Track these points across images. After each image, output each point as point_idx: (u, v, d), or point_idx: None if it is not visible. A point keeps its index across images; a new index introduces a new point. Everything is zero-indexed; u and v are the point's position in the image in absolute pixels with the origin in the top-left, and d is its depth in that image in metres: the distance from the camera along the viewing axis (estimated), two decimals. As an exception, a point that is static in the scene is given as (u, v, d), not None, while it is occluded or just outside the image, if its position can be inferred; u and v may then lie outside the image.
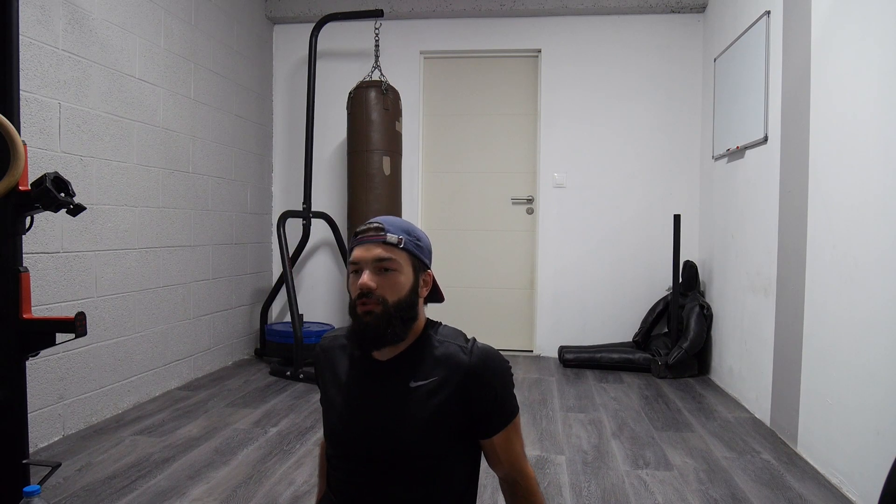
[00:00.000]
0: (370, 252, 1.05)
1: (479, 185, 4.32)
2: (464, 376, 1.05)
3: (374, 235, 1.06)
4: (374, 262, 1.04)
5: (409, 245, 1.07)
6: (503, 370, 1.09)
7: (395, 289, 1.04)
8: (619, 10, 4.05)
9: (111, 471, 2.15)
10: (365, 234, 1.07)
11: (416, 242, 1.09)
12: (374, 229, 1.06)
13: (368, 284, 1.03)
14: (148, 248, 3.02)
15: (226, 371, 3.65)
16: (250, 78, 4.07)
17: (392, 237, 1.06)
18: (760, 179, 2.90)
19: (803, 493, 2.03)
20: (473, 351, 1.08)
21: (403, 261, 1.06)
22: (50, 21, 2.39)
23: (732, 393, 3.23)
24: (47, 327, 1.55)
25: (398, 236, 1.06)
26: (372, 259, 1.04)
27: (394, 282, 1.04)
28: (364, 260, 1.05)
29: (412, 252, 1.08)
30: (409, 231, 1.09)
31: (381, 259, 1.04)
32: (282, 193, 4.44)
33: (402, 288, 1.05)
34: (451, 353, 1.08)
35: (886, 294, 1.85)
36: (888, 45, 1.88)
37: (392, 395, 1.07)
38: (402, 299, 1.05)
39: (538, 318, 4.20)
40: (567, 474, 2.18)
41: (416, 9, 4.15)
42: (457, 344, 1.09)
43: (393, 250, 1.05)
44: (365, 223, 1.09)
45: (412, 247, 1.08)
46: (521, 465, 1.11)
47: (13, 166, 1.42)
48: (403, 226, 1.09)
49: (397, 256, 1.05)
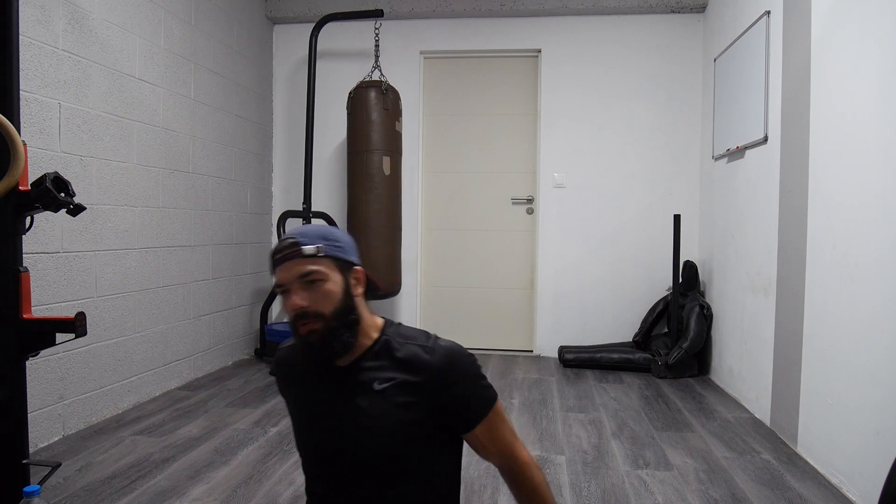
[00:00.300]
0: (291, 271, 1.02)
1: (479, 185, 4.32)
2: (429, 377, 1.04)
3: (291, 252, 1.03)
4: (299, 279, 1.02)
5: (328, 251, 1.04)
6: (467, 364, 1.08)
7: (328, 299, 1.02)
8: (619, 10, 4.05)
9: (111, 471, 2.15)
10: (282, 254, 1.03)
11: (335, 245, 1.06)
12: (289, 246, 1.03)
13: (300, 304, 1.01)
14: (148, 248, 3.02)
15: (226, 371, 3.65)
16: (250, 78, 4.07)
17: (309, 248, 1.03)
18: (760, 179, 2.90)
19: (803, 493, 2.03)
20: (436, 350, 1.06)
21: (328, 268, 1.04)
22: (50, 21, 2.39)
23: (732, 393, 3.23)
24: (47, 327, 1.55)
25: (315, 245, 1.03)
26: (295, 277, 1.02)
27: (324, 292, 1.02)
28: (288, 280, 1.02)
29: (334, 256, 1.05)
30: (325, 236, 1.06)
31: (304, 274, 1.02)
32: (282, 193, 4.44)
33: (335, 296, 1.03)
34: (414, 353, 1.06)
35: (886, 294, 1.84)
36: (888, 44, 1.88)
37: (358, 399, 1.05)
38: (339, 307, 1.03)
39: (538, 318, 4.20)
40: (567, 474, 2.18)
41: (416, 9, 4.15)
42: (418, 344, 1.08)
43: (314, 261, 1.02)
44: (279, 242, 1.06)
45: (332, 251, 1.05)
46: (511, 450, 1.10)
47: (13, 166, 1.42)
48: (319, 232, 1.07)
49: (320, 265, 1.03)
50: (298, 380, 1.14)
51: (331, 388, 1.08)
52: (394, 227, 3.77)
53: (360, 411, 1.04)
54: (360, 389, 1.05)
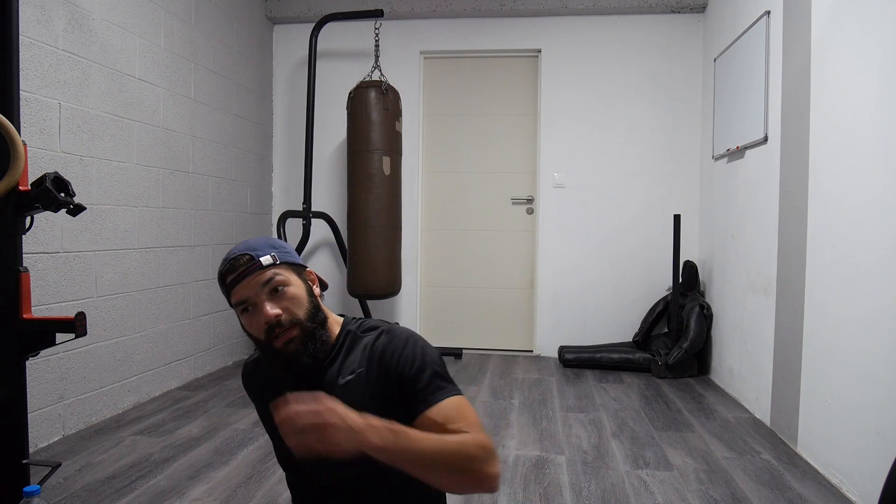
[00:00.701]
0: (253, 284, 1.00)
1: (479, 185, 4.32)
2: (380, 358, 1.03)
3: (249, 268, 1.01)
4: (263, 289, 1.00)
5: (282, 257, 1.04)
6: (419, 346, 1.04)
7: (297, 302, 1.02)
8: (619, 10, 4.05)
9: (111, 471, 2.15)
10: (238, 273, 1.01)
11: (284, 251, 1.06)
12: (245, 262, 1.01)
13: (275, 314, 0.99)
14: (148, 248, 3.02)
15: (226, 371, 3.65)
16: (250, 78, 4.07)
17: (266, 258, 1.02)
18: (760, 179, 2.90)
19: (803, 493, 2.03)
20: (390, 332, 1.06)
21: (286, 272, 1.03)
22: (50, 21, 2.39)
23: (732, 393, 3.23)
24: (47, 327, 1.55)
25: (269, 254, 1.03)
26: (258, 287, 1.00)
27: (292, 296, 1.02)
28: (251, 295, 1.00)
29: (287, 262, 1.05)
30: (272, 245, 1.06)
31: (267, 282, 1.00)
32: (282, 193, 4.44)
33: (302, 297, 1.03)
34: (369, 342, 1.06)
35: (886, 294, 1.84)
36: (888, 44, 1.88)
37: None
38: (309, 308, 1.03)
39: (538, 318, 4.20)
40: (567, 474, 2.18)
41: (416, 9, 4.15)
42: (375, 332, 1.08)
43: (273, 269, 1.02)
44: (225, 262, 1.04)
45: (284, 257, 1.05)
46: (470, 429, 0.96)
47: (13, 166, 1.42)
48: (266, 242, 1.06)
49: (279, 271, 1.02)
50: (270, 392, 1.11)
51: (301, 389, 1.06)
52: (394, 227, 3.77)
53: None
54: (328, 387, 1.04)
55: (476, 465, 0.90)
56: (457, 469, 0.90)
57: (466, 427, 0.95)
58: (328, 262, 4.39)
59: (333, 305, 4.38)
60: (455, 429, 0.94)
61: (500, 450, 2.39)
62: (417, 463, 0.88)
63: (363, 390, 1.02)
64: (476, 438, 0.93)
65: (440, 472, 0.89)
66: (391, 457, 0.87)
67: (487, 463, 0.91)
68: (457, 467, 0.90)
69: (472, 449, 0.91)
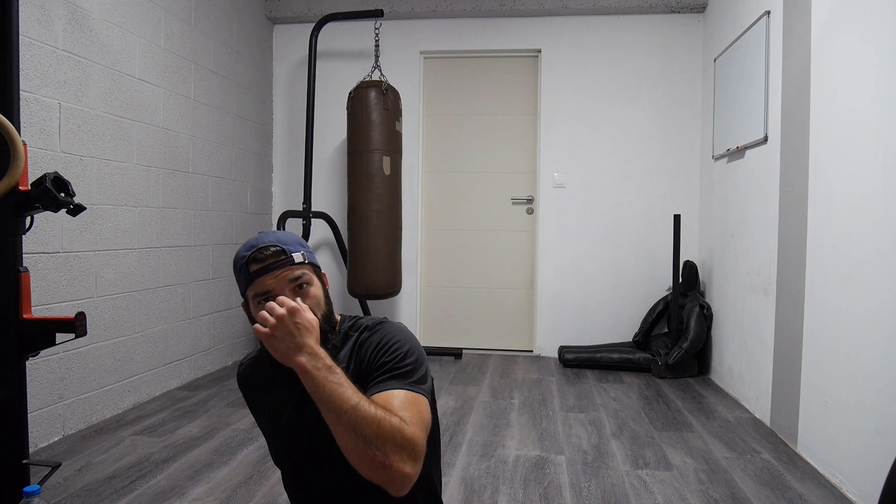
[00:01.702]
0: (280, 277, 0.99)
1: (479, 185, 4.32)
2: (357, 353, 1.05)
3: (278, 262, 1.00)
4: (290, 284, 1.00)
5: (309, 258, 1.05)
6: (393, 328, 1.06)
7: (316, 302, 1.02)
8: (618, 10, 4.05)
9: (111, 471, 2.15)
10: (266, 263, 1.00)
11: (310, 251, 1.07)
12: (275, 254, 1.00)
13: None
14: (148, 248, 3.02)
15: (226, 371, 3.65)
16: (250, 78, 4.07)
17: (298, 256, 1.02)
18: (760, 179, 2.90)
19: (803, 493, 2.03)
20: (371, 328, 1.08)
21: (309, 271, 1.04)
22: (50, 21, 2.39)
23: (732, 393, 3.23)
24: (47, 327, 1.55)
25: (300, 252, 1.03)
26: (286, 282, 0.99)
27: (313, 296, 1.02)
28: (277, 287, 0.99)
29: (311, 262, 1.05)
30: (300, 242, 1.06)
31: (294, 279, 1.00)
32: (282, 193, 4.45)
33: (321, 299, 1.04)
34: (359, 337, 1.08)
35: (886, 294, 1.84)
36: (888, 44, 1.88)
37: None
38: (325, 310, 1.04)
39: (538, 318, 4.20)
40: (567, 474, 2.18)
41: (416, 9, 4.15)
42: (365, 327, 1.09)
43: (300, 266, 1.02)
44: (251, 249, 1.01)
45: (311, 257, 1.05)
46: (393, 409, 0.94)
47: (13, 166, 1.42)
48: (294, 239, 1.05)
49: (304, 269, 1.02)
50: (267, 391, 1.12)
51: (298, 392, 1.04)
52: (394, 227, 3.77)
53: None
54: None
55: (386, 448, 0.86)
56: (364, 437, 0.86)
57: (405, 417, 0.91)
58: (328, 262, 4.39)
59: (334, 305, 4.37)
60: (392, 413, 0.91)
61: (500, 450, 2.40)
62: (331, 407, 0.88)
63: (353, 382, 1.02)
64: (402, 425, 0.89)
65: (347, 432, 0.87)
66: (312, 387, 0.90)
67: (400, 454, 0.87)
68: (364, 435, 0.86)
69: (388, 428, 0.87)
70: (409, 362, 1.01)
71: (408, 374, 1.00)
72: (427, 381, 1.03)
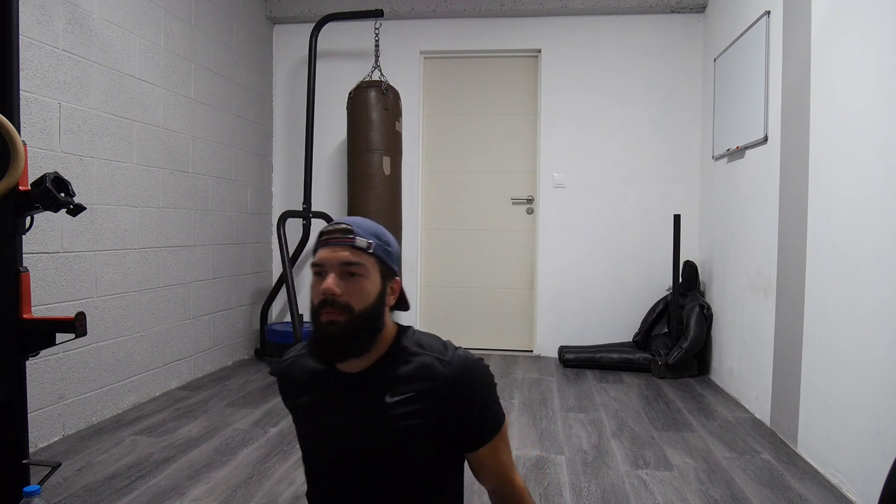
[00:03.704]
0: (336, 254, 0.97)
1: (479, 185, 4.32)
2: (443, 390, 0.99)
3: (342, 238, 0.98)
4: (341, 266, 0.97)
5: (378, 250, 1.00)
6: (485, 380, 1.03)
7: (361, 296, 0.97)
8: (619, 10, 4.05)
9: (111, 471, 2.15)
10: (331, 236, 0.99)
11: (386, 248, 1.02)
12: (342, 231, 0.99)
13: (333, 290, 0.95)
14: (148, 248, 3.02)
15: (226, 371, 3.65)
16: (250, 78, 4.07)
17: (361, 241, 0.98)
18: (760, 179, 2.90)
19: (803, 493, 2.03)
20: (453, 362, 1.01)
21: (371, 266, 0.99)
22: (50, 21, 2.39)
23: (732, 393, 3.23)
24: (47, 327, 1.55)
25: (367, 240, 0.99)
26: (338, 262, 0.97)
27: (360, 288, 0.97)
28: (330, 262, 0.97)
29: (381, 258, 1.00)
30: (378, 235, 1.02)
31: (348, 263, 0.97)
32: (282, 193, 4.45)
33: (369, 295, 0.98)
34: (429, 364, 1.01)
35: (886, 293, 1.84)
36: (888, 44, 1.88)
37: (367, 411, 1.01)
38: (368, 308, 0.97)
39: (538, 318, 4.20)
40: (567, 474, 2.18)
41: (416, 9, 4.15)
42: (434, 356, 1.02)
43: (361, 255, 0.98)
44: (331, 224, 1.02)
45: (381, 252, 1.01)
46: (510, 476, 1.06)
47: (13, 166, 1.42)
48: (373, 229, 1.02)
49: (365, 261, 0.98)
50: (307, 388, 1.09)
51: (341, 396, 1.04)
52: (394, 227, 3.77)
53: (369, 422, 1.00)
54: (370, 400, 1.01)
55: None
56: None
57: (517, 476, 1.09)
58: (328, 262, 4.39)
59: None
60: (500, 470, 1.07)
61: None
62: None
63: (413, 413, 0.99)
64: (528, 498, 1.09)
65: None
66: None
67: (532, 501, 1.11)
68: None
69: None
70: (499, 402, 1.09)
71: (500, 409, 1.08)
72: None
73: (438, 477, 1.05)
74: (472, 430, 1.02)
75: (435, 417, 0.99)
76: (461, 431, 1.02)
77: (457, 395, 1.00)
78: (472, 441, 1.03)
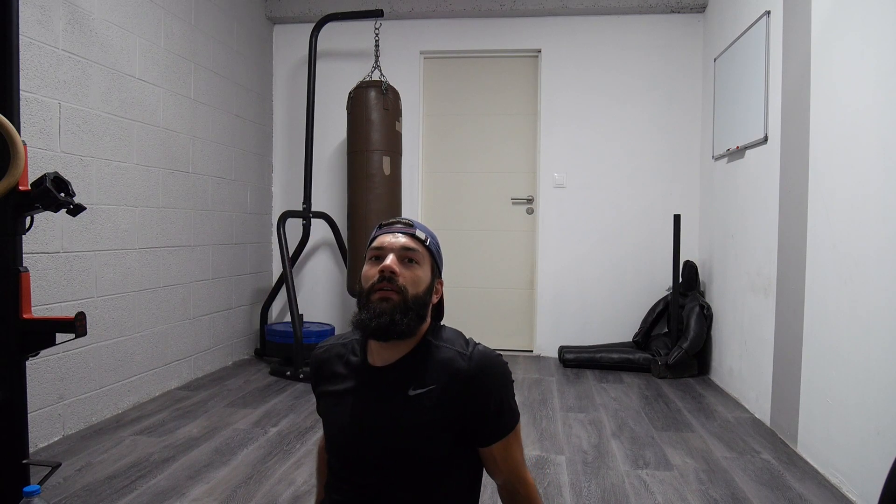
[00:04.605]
0: (398, 240, 1.05)
1: (479, 185, 4.32)
2: (463, 383, 1.01)
3: (404, 228, 1.07)
4: (401, 251, 1.04)
5: (432, 246, 1.09)
6: (503, 377, 1.06)
7: (416, 282, 1.03)
8: (619, 10, 4.05)
9: (111, 471, 2.15)
10: (392, 226, 1.08)
11: (438, 247, 1.12)
12: (404, 223, 1.08)
13: (393, 267, 1.01)
14: (148, 248, 3.02)
15: (226, 371, 3.65)
16: (250, 78, 4.07)
17: (420, 233, 1.08)
18: (760, 179, 2.90)
19: (803, 493, 2.03)
20: (473, 356, 1.03)
21: (426, 258, 1.07)
22: (50, 21, 2.39)
23: (732, 393, 3.23)
24: (47, 327, 1.55)
25: (426, 237, 1.08)
26: (399, 247, 1.04)
27: (416, 275, 1.04)
28: (390, 246, 1.04)
29: (434, 254, 1.09)
30: (430, 234, 1.11)
31: (408, 248, 1.04)
32: (282, 193, 4.45)
33: (422, 283, 1.04)
34: (450, 358, 1.04)
35: (887, 293, 1.85)
36: (888, 44, 1.88)
37: (391, 403, 1.04)
38: (420, 295, 1.03)
39: (538, 318, 4.20)
40: (567, 474, 2.18)
41: (416, 9, 4.15)
42: (455, 349, 1.05)
43: (419, 244, 1.06)
44: (388, 219, 1.12)
45: (434, 249, 1.10)
46: (520, 473, 1.08)
47: (13, 166, 1.42)
48: (428, 229, 1.12)
49: (422, 251, 1.06)
50: (338, 377, 1.12)
51: (366, 390, 1.07)
52: (394, 227, 3.77)
53: (393, 416, 1.03)
54: (394, 393, 1.04)
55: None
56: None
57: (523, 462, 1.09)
58: (328, 262, 4.39)
59: (334, 305, 4.38)
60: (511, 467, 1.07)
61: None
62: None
63: (434, 407, 1.01)
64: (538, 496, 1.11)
65: None
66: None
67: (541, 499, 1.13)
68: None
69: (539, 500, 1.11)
70: (515, 399, 1.09)
71: (516, 406, 1.09)
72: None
73: (456, 469, 1.07)
74: (487, 425, 1.04)
75: (454, 410, 1.02)
76: (477, 426, 1.04)
77: (475, 390, 1.02)
78: (486, 436, 1.05)
